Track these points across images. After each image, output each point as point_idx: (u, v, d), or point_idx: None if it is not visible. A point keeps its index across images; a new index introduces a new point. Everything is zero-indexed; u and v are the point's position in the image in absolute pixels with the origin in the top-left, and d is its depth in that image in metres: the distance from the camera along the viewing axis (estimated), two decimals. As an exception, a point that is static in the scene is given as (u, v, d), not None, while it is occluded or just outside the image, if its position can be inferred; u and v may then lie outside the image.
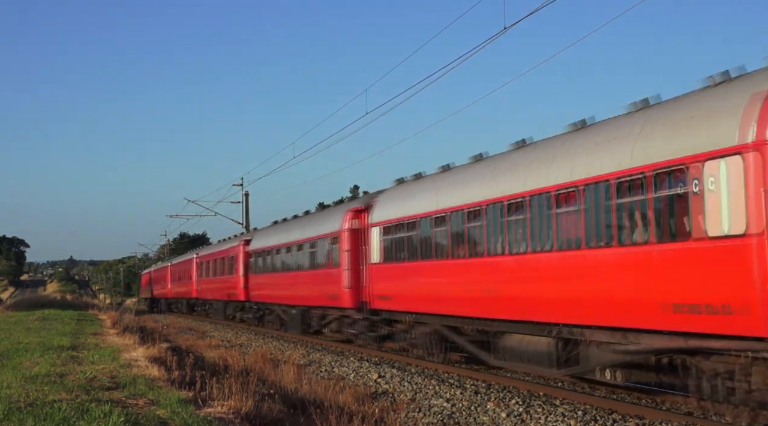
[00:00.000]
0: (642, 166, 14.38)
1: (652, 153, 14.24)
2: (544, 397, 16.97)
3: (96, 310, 63.17)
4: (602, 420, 14.39)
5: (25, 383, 15.18)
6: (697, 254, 13.24)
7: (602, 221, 15.52)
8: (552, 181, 17.12)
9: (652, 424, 13.89)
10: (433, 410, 16.11)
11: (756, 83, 12.77)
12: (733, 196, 12.54)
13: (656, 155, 14.11)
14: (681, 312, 13.54)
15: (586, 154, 16.23)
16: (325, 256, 31.50)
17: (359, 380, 20.74)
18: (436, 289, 22.21)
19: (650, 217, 14.29)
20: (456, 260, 21.04)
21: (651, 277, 14.23)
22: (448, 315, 21.84)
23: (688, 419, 14.11)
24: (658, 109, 15.03)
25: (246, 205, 68.03)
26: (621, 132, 15.47)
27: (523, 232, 18.06)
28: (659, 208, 14.11)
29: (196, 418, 11.86)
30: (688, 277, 13.40)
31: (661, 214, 14.05)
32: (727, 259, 12.65)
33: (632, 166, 14.63)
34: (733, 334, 12.72)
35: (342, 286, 29.03)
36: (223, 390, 14.74)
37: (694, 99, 14.06)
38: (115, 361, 19.80)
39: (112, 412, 11.67)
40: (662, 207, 14.05)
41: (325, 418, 12.97)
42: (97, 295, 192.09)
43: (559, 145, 17.56)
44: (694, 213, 13.27)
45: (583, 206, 16.05)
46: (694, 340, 13.58)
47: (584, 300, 16.08)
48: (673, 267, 13.73)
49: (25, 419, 11.31)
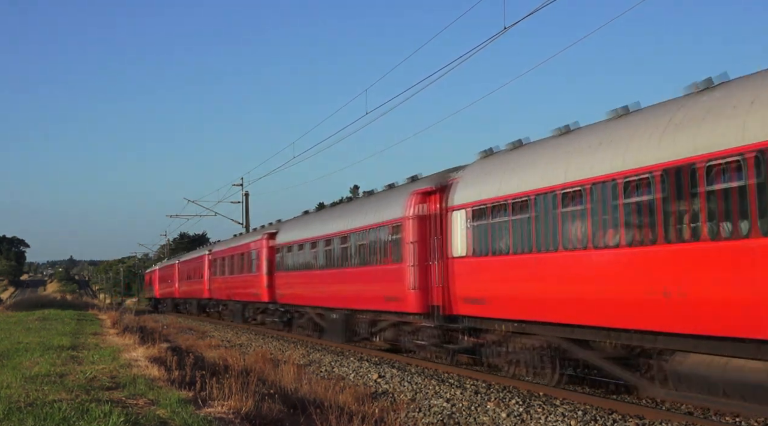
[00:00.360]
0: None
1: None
2: (544, 397, 16.96)
3: (96, 310, 63.20)
4: (602, 420, 14.39)
5: (25, 383, 15.17)
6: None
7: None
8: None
9: (652, 424, 13.89)
10: (433, 410, 16.11)
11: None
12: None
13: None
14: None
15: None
16: (381, 249, 26.20)
17: (359, 380, 20.74)
18: (567, 289, 16.82)
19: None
20: (606, 250, 15.58)
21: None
22: (575, 325, 16.86)
23: (688, 419, 14.10)
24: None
25: (246, 205, 68.06)
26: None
27: (745, 207, 12.60)
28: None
29: (196, 418, 11.85)
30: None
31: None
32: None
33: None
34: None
35: (405, 287, 23.88)
36: (223, 390, 14.74)
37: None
38: (115, 361, 19.80)
39: (112, 412, 11.67)
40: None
41: (325, 418, 12.96)
42: (97, 295, 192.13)
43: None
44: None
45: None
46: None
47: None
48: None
49: (25, 419, 11.31)
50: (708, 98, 13.85)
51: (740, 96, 13.05)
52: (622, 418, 14.41)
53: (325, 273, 31.84)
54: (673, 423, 13.90)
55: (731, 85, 13.73)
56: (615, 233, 15.34)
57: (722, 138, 12.88)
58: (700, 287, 13.30)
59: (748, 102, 12.70)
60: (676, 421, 13.97)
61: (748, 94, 12.86)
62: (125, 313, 51.05)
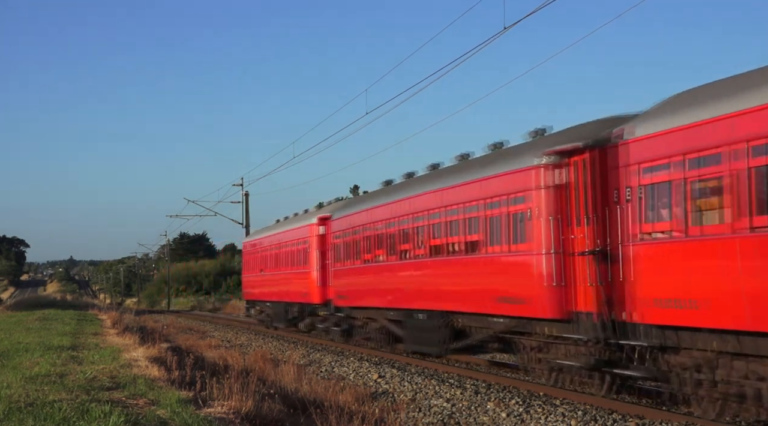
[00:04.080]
0: None
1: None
2: (544, 397, 16.96)
3: (96, 310, 63.23)
4: (602, 420, 14.39)
5: (25, 383, 15.17)
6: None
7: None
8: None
9: (652, 424, 13.88)
10: (433, 410, 16.11)
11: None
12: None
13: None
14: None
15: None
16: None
17: (359, 380, 20.74)
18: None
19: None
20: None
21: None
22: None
23: (689, 419, 14.10)
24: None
25: (246, 205, 68.07)
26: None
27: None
28: None
29: (196, 418, 11.86)
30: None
31: None
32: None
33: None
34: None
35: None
36: (223, 390, 14.74)
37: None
38: (115, 361, 19.79)
39: (112, 412, 11.67)
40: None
41: (325, 418, 12.96)
42: (97, 295, 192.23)
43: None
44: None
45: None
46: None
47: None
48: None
49: (25, 419, 11.31)
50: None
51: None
52: (622, 418, 14.40)
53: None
54: (673, 423, 13.90)
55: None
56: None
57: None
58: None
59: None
60: (676, 421, 13.97)
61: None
62: (125, 313, 50.72)
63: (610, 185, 16.07)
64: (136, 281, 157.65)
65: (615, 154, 15.76)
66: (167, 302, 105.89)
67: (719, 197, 13.14)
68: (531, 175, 17.93)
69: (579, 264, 16.88)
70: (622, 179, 15.38)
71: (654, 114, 15.05)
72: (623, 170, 15.35)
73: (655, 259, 14.69)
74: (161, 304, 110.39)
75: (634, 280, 15.11)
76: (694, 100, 14.14)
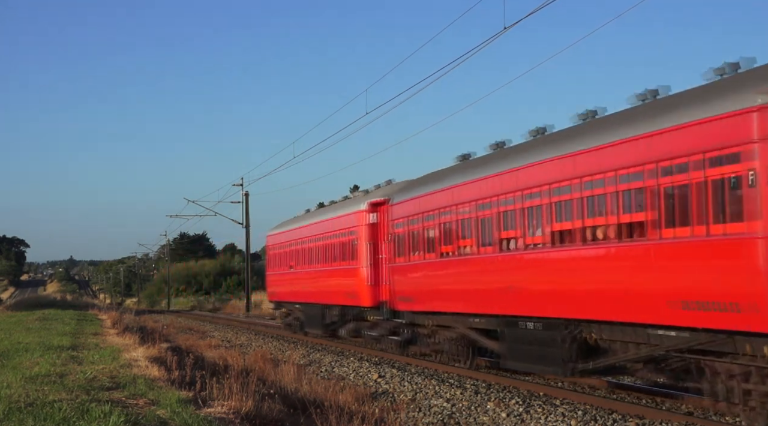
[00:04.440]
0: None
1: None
2: (544, 397, 16.96)
3: (96, 310, 63.24)
4: (602, 420, 14.39)
5: (25, 383, 15.17)
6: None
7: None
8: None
9: (652, 424, 13.89)
10: (433, 410, 16.11)
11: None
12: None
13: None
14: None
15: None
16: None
17: (359, 380, 20.74)
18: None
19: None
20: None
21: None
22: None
23: (688, 419, 14.10)
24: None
25: (246, 205, 68.19)
26: None
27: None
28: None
29: (196, 418, 11.86)
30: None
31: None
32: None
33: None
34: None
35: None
36: (223, 390, 14.75)
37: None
38: (115, 361, 19.80)
39: (112, 412, 11.67)
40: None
41: (325, 418, 12.96)
42: (97, 295, 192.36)
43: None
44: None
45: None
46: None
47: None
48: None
49: (25, 419, 11.31)
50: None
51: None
52: (622, 418, 14.41)
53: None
54: (673, 423, 13.90)
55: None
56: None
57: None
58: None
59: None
60: (676, 421, 13.97)
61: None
62: (125, 313, 50.72)
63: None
64: (136, 281, 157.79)
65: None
66: (167, 302, 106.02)
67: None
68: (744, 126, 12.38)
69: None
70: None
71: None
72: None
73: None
74: (161, 304, 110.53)
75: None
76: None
